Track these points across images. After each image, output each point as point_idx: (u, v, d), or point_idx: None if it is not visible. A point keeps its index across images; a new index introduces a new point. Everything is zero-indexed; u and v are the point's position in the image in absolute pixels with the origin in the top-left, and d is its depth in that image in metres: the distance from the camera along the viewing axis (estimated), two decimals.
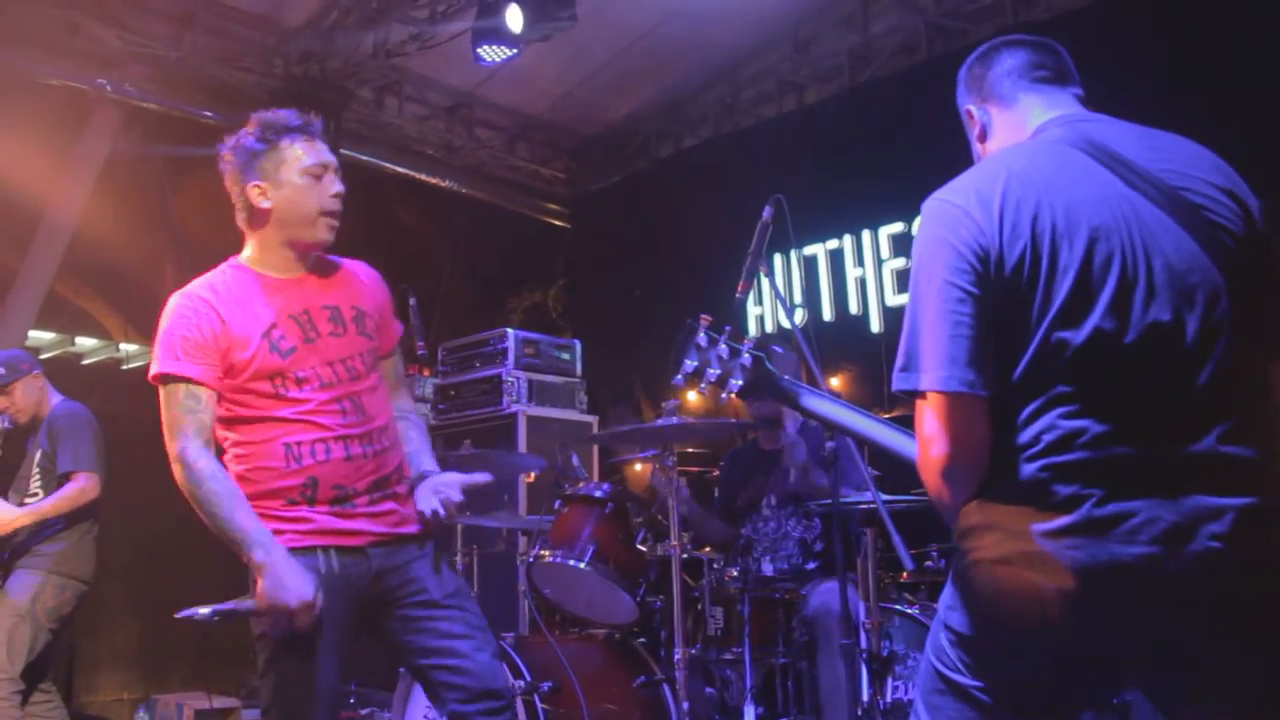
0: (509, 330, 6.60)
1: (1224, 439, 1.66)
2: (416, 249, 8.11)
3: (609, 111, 8.39)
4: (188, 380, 2.61)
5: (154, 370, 2.65)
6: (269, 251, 2.78)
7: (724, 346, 2.35)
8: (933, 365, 1.75)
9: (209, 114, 6.75)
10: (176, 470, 2.59)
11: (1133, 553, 1.62)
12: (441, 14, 6.42)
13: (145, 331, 7.99)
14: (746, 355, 2.34)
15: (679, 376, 2.39)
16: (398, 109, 7.64)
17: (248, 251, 2.82)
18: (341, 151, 6.91)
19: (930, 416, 1.78)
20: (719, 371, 2.34)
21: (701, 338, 2.36)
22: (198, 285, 2.74)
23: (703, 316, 2.38)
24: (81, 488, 4.63)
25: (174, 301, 2.71)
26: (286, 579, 2.50)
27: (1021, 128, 2.01)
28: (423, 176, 7.98)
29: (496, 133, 8.34)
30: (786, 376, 2.34)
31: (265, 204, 2.73)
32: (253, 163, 2.74)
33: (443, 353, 6.84)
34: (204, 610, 2.53)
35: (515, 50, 5.94)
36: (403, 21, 6.52)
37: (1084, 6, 6.23)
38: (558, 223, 9.07)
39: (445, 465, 4.37)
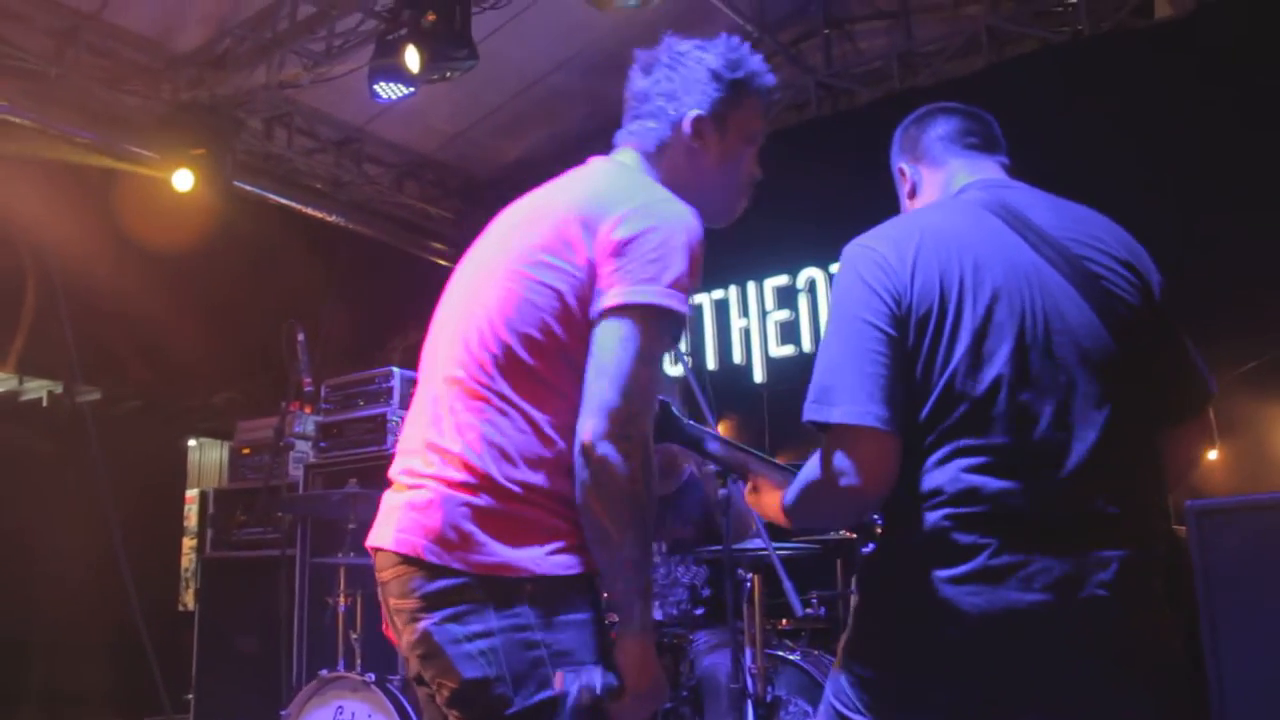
0: (395, 369, 6.50)
1: (1108, 498, 1.75)
2: (302, 283, 7.97)
3: (502, 154, 8.39)
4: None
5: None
6: None
7: None
8: (847, 399, 1.79)
9: (88, 135, 6.53)
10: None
11: (1028, 599, 1.69)
12: (338, 49, 6.36)
13: (2, 355, 7.67)
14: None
15: None
16: (287, 141, 7.52)
17: None
18: (235, 183, 6.78)
19: (841, 450, 1.81)
20: None
21: None
22: None
23: None
24: None
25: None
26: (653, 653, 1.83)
27: (946, 188, 2.11)
28: (308, 210, 7.86)
29: (385, 169, 8.26)
30: (691, 422, 2.37)
31: None
32: None
33: (326, 390, 6.71)
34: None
35: (412, 89, 5.92)
36: (298, 53, 6.44)
37: (965, 75, 6.51)
38: (444, 263, 8.99)
39: (328, 505, 4.26)
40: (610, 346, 1.76)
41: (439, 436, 1.82)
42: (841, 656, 1.93)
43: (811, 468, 1.88)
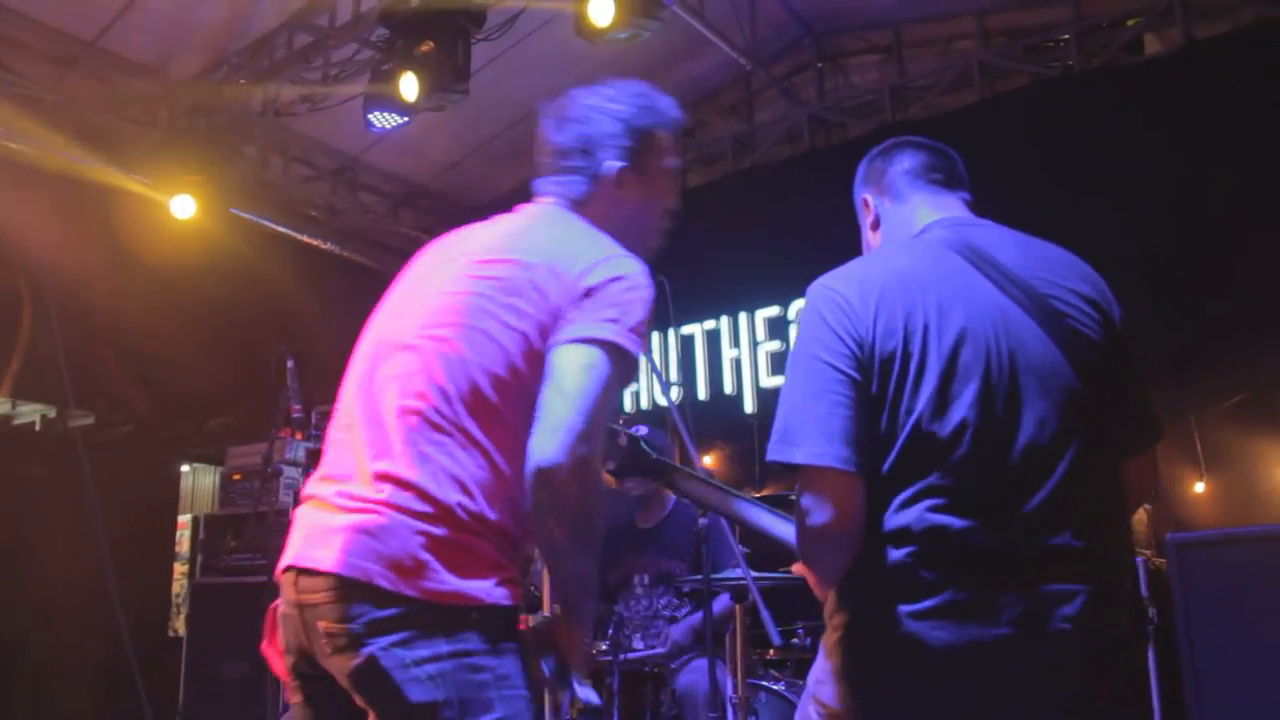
0: None
1: (1073, 533, 1.77)
2: (295, 310, 7.99)
3: (497, 183, 8.44)
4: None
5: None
6: None
7: None
8: (808, 440, 1.81)
9: (86, 160, 6.58)
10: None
11: (992, 634, 1.71)
12: (334, 77, 6.42)
13: None
14: (623, 435, 2.38)
15: None
16: (282, 168, 7.58)
17: None
18: (231, 210, 6.82)
19: (807, 490, 1.83)
20: None
21: None
22: None
23: None
24: None
25: None
26: None
27: (909, 223, 2.12)
28: (304, 238, 7.91)
29: (380, 198, 8.33)
30: (660, 457, 2.39)
31: None
32: None
33: (316, 416, 6.72)
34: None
35: (406, 119, 5.98)
36: (294, 82, 6.50)
37: (957, 108, 6.58)
38: None
39: None
40: (572, 370, 1.82)
41: (391, 465, 1.85)
42: (811, 685, 1.95)
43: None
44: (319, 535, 1.86)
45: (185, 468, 10.41)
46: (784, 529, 2.21)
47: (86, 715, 6.91)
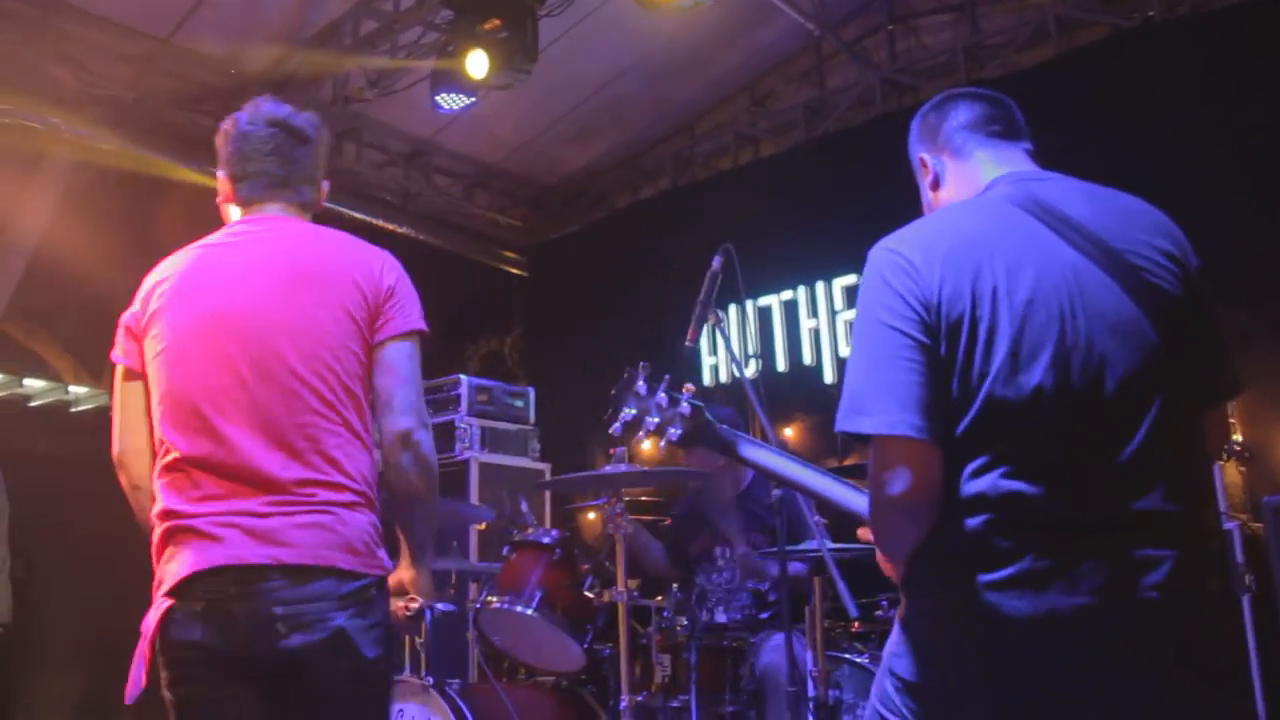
0: (462, 376, 6.59)
1: (1157, 495, 1.70)
2: None
3: (567, 162, 8.45)
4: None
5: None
6: None
7: (663, 395, 2.34)
8: (880, 409, 1.76)
9: (166, 157, 6.72)
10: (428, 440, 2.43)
11: (1073, 603, 1.65)
12: (402, 60, 6.46)
13: (96, 374, 7.91)
14: (685, 404, 2.34)
15: (617, 425, 2.38)
16: (356, 155, 7.65)
17: None
18: None
19: (880, 460, 1.78)
20: (657, 420, 2.34)
21: (641, 386, 2.35)
22: None
23: (642, 365, 2.38)
24: None
25: None
26: None
27: (974, 181, 2.04)
28: (380, 222, 7.98)
29: (454, 180, 8.36)
30: (725, 425, 2.34)
31: None
32: None
33: None
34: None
35: (473, 99, 5.99)
36: (362, 69, 6.55)
37: (1034, 65, 6.39)
38: (515, 271, 9.07)
39: (389, 512, 4.40)
40: (405, 361, 2.39)
41: (304, 469, 2.26)
42: (887, 658, 1.90)
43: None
44: (257, 536, 2.21)
45: None
46: (855, 500, 2.16)
47: None
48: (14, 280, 6.45)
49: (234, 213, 2.57)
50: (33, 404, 7.63)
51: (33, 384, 7.57)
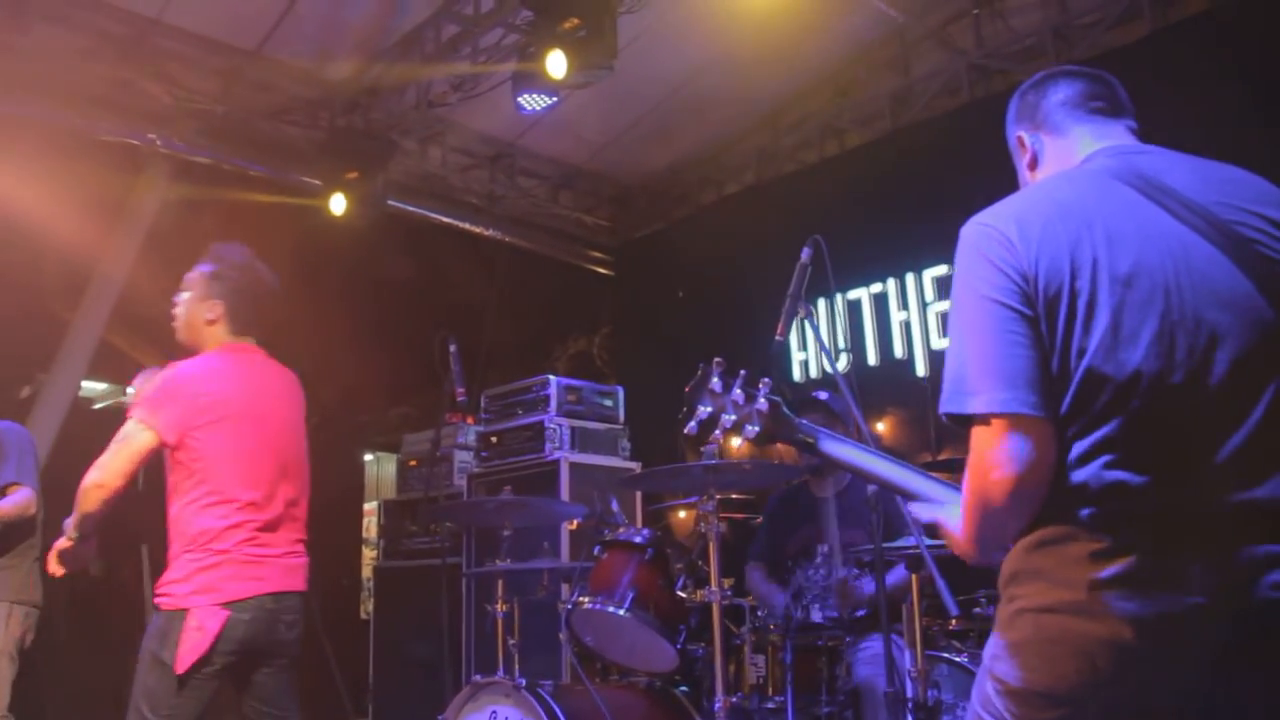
0: (551, 377, 6.59)
1: (1275, 483, 1.59)
2: (461, 297, 8.17)
3: (651, 160, 8.43)
4: None
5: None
6: None
7: (739, 391, 2.25)
8: (988, 387, 1.68)
9: (258, 167, 6.87)
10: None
11: (1185, 603, 1.56)
12: (483, 63, 6.49)
13: None
14: (762, 400, 2.24)
15: (692, 424, 2.28)
16: (441, 159, 7.72)
17: None
18: (389, 202, 7.00)
19: (989, 442, 1.69)
20: (734, 417, 2.25)
21: (715, 383, 2.26)
22: None
23: (716, 360, 2.30)
24: (28, 499, 4.61)
25: None
26: None
27: (1071, 157, 1.97)
28: (467, 225, 8.05)
29: (539, 181, 8.40)
30: (804, 420, 2.26)
31: None
32: None
33: (485, 400, 6.85)
34: None
35: (555, 99, 5.99)
36: (445, 73, 6.61)
37: (1126, 44, 6.19)
38: (602, 270, 9.09)
39: (483, 513, 4.54)
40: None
41: (297, 531, 3.46)
42: (987, 660, 1.83)
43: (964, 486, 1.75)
44: (292, 570, 3.39)
45: (369, 456, 10.80)
46: (942, 495, 2.07)
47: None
48: (115, 292, 6.64)
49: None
50: None
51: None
